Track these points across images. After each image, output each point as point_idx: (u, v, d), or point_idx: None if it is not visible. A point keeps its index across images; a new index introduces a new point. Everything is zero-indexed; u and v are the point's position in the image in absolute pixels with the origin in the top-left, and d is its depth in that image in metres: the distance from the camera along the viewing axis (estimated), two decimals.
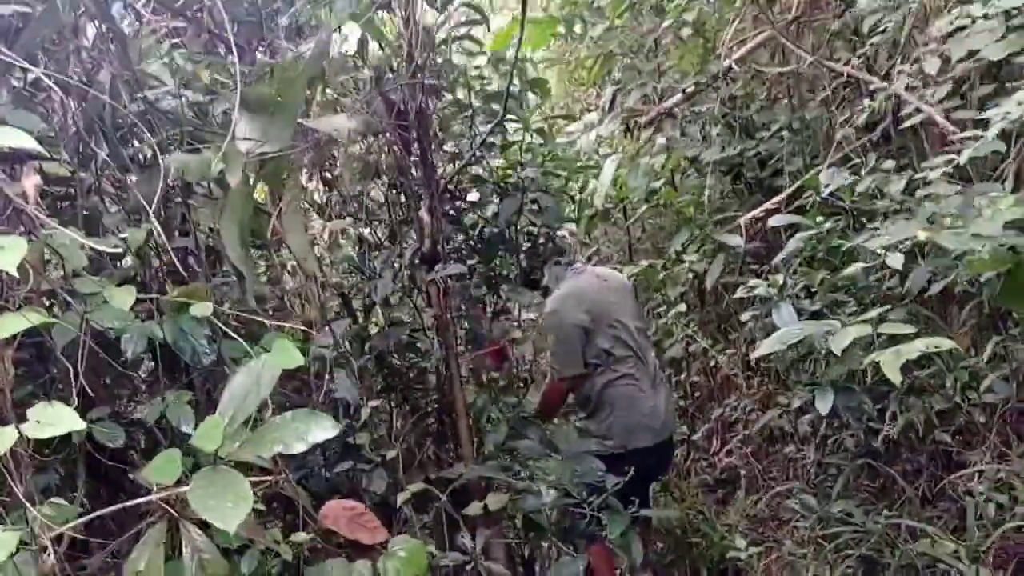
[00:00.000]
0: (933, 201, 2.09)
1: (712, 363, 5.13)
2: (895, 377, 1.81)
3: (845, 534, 2.94)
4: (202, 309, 1.30)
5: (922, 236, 1.93)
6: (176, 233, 2.25)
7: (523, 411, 2.74)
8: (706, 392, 5.36)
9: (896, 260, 2.07)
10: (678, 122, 4.87)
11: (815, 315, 2.92)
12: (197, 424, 1.33)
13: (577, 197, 3.80)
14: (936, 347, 1.88)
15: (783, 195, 3.58)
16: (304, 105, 2.03)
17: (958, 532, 2.66)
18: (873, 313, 2.08)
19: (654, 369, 3.57)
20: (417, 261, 2.68)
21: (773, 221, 2.70)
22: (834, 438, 3.68)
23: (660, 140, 5.03)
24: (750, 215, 3.66)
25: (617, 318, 3.46)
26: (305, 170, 2.41)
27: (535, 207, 3.13)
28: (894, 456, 3.38)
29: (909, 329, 2.02)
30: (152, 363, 2.04)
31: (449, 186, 3.14)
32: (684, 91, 3.94)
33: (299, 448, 1.18)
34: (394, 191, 2.84)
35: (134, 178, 1.89)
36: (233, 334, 1.49)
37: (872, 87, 2.78)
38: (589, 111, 6.64)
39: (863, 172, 2.60)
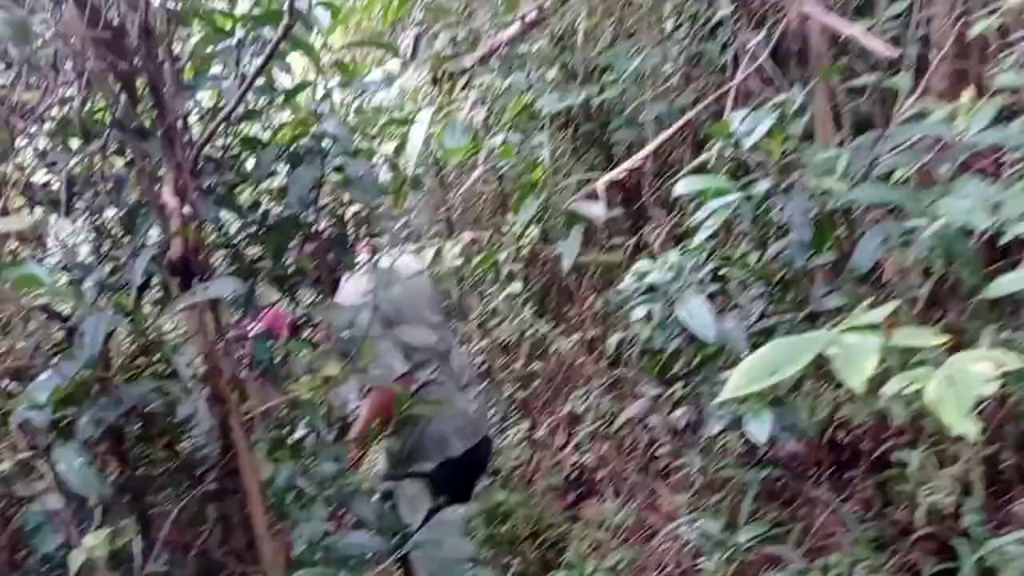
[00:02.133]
0: None
1: (552, 348, 4.45)
2: (971, 429, 1.13)
3: None
4: None
5: None
6: None
7: (348, 482, 1.84)
8: (546, 382, 4.68)
9: None
10: (500, 66, 4.08)
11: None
12: None
13: (393, 161, 2.94)
14: (1004, 367, 1.22)
15: (648, 149, 2.88)
16: None
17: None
18: (878, 313, 1.39)
19: (459, 366, 3.33)
20: (166, 270, 1.70)
21: (681, 187, 1.97)
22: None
23: (472, 94, 4.24)
24: (609, 176, 2.93)
25: (409, 323, 3.12)
26: None
27: (341, 176, 2.22)
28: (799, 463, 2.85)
29: (936, 339, 1.35)
30: None
31: (214, 151, 2.16)
32: (523, 18, 3.14)
33: None
34: (119, 160, 1.81)
35: None
36: None
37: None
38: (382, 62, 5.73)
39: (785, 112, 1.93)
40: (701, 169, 2.16)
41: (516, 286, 4.23)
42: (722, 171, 2.09)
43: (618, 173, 2.95)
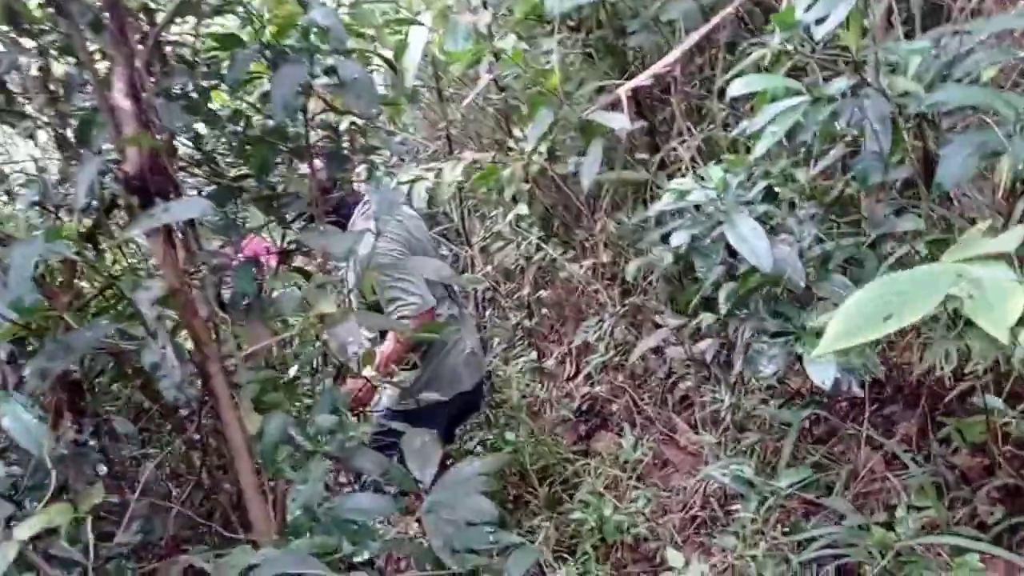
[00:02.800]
0: None
1: (561, 275, 4.18)
2: None
3: (810, 531, 2.12)
4: None
5: None
6: None
7: (349, 435, 1.59)
8: (554, 309, 4.43)
9: None
10: None
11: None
12: None
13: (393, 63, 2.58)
14: None
15: (678, 52, 2.55)
16: None
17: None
18: (1008, 239, 1.12)
19: (461, 300, 3.39)
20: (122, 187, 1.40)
21: (738, 87, 1.66)
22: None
23: None
24: (633, 82, 2.61)
25: (426, 252, 3.09)
26: None
27: (333, 80, 1.90)
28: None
29: None
30: None
31: (178, 47, 1.85)
32: None
33: None
34: (59, 57, 1.50)
35: None
36: None
37: None
38: None
39: None
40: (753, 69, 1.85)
41: (522, 208, 3.92)
42: (779, 71, 1.78)
43: (644, 78, 2.63)
